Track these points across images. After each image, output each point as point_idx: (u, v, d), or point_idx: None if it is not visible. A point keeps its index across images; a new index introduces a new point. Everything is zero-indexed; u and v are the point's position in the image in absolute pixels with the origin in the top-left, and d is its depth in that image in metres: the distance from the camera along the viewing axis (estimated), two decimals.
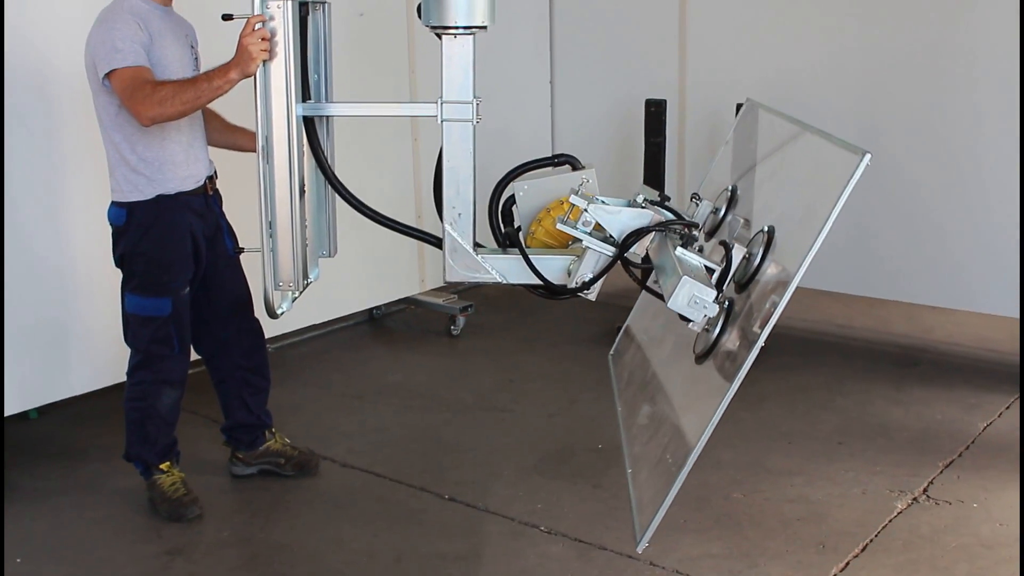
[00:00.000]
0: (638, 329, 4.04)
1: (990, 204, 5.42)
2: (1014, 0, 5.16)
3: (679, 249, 2.98)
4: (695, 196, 3.46)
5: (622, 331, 4.08)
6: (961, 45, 5.40)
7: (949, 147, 5.52)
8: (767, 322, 2.74)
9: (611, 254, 3.12)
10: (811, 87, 5.95)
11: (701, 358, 3.00)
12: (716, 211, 3.44)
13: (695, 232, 3.15)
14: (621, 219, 3.16)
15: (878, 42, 5.69)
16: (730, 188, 3.53)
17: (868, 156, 2.67)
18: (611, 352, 4.04)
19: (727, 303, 2.92)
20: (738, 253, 2.98)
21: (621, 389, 3.77)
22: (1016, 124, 5.26)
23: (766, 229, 2.99)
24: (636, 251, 3.17)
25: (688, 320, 2.91)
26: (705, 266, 2.95)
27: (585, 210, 3.10)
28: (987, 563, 3.70)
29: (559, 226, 3.15)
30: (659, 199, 3.21)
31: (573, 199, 3.12)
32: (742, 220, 3.29)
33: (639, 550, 2.73)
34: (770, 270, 2.92)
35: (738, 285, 2.95)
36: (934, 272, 5.66)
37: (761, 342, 2.64)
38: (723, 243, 3.04)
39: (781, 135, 3.50)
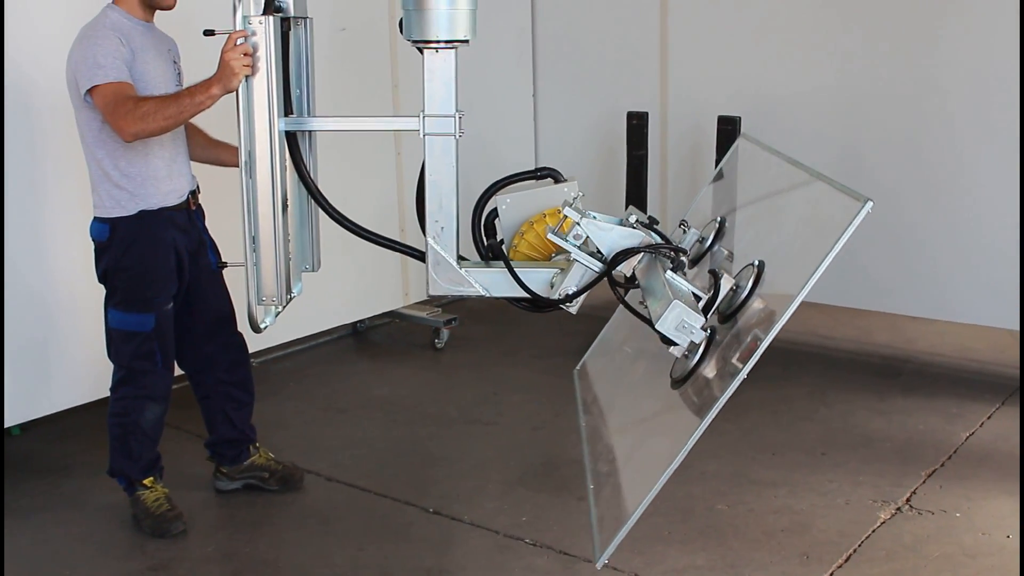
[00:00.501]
0: (608, 348, 4.05)
1: (970, 216, 5.45)
2: (988, 15, 5.20)
3: (669, 273, 2.99)
4: (683, 223, 3.47)
5: (591, 348, 4.08)
6: (939, 60, 5.43)
7: (929, 162, 5.56)
8: (749, 357, 2.76)
9: (598, 270, 3.13)
10: (791, 100, 5.98)
11: (678, 383, 3.01)
12: (702, 240, 3.45)
13: (683, 258, 3.16)
14: (612, 236, 3.16)
15: (857, 57, 5.73)
16: (718, 220, 3.54)
17: (870, 204, 2.68)
18: (576, 368, 4.04)
19: (710, 332, 2.93)
20: (726, 284, 2.99)
21: (587, 405, 3.78)
22: (993, 137, 5.31)
23: (756, 263, 3.00)
24: (622, 270, 3.18)
25: (672, 344, 2.92)
26: (693, 293, 2.95)
27: (577, 223, 3.11)
28: (970, 572, 3.71)
29: (550, 235, 3.15)
30: (648, 221, 3.22)
31: (567, 211, 3.13)
32: (726, 252, 3.30)
33: (598, 566, 2.74)
34: (756, 304, 2.94)
35: (722, 315, 2.96)
36: (916, 283, 5.69)
37: (743, 376, 2.65)
38: (712, 272, 3.04)
39: (777, 173, 3.50)
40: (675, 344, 2.92)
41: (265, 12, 3.28)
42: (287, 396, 5.61)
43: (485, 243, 3.39)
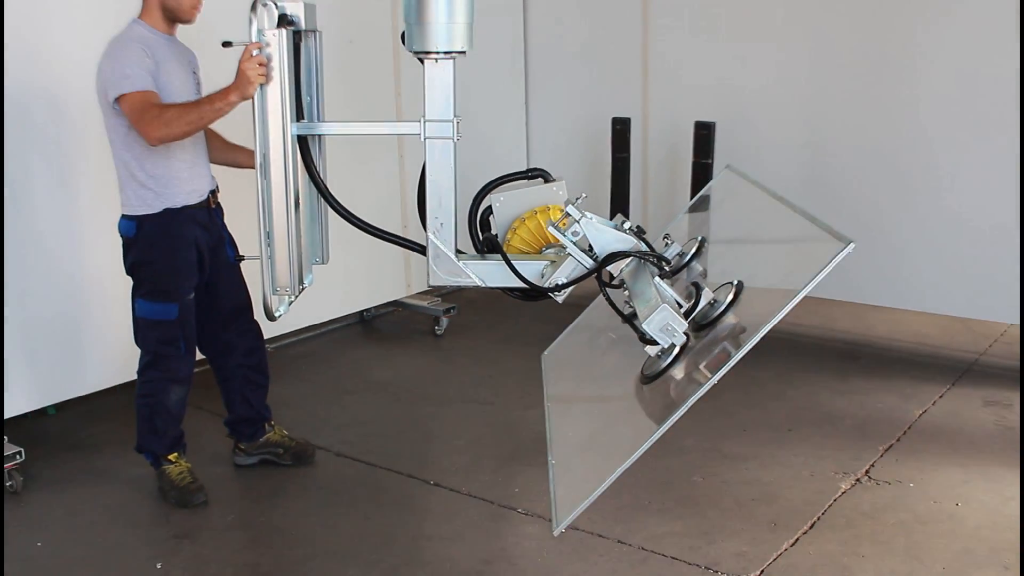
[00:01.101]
0: (580, 339, 4.05)
1: (929, 211, 5.47)
2: (961, 22, 5.21)
3: (657, 279, 3.00)
4: (667, 236, 3.48)
5: (560, 338, 4.09)
6: (904, 62, 5.43)
7: (894, 164, 5.57)
8: (718, 367, 2.77)
9: (589, 266, 3.14)
10: (764, 105, 5.99)
11: (648, 380, 3.03)
12: (682, 255, 3.45)
13: (666, 268, 3.18)
14: (606, 238, 3.18)
15: (826, 61, 5.73)
16: (699, 239, 3.56)
17: (852, 246, 2.69)
18: (545, 352, 4.05)
19: (685, 338, 2.95)
20: (706, 296, 3.00)
21: (551, 386, 3.78)
22: (954, 141, 5.32)
23: (735, 283, 3.01)
24: (610, 270, 3.19)
25: (651, 343, 2.94)
26: (676, 300, 2.97)
27: (577, 222, 3.12)
28: (923, 537, 3.73)
29: (550, 229, 3.16)
30: (637, 229, 3.23)
31: (569, 209, 3.13)
32: (702, 268, 3.32)
33: (555, 534, 2.74)
34: (729, 319, 2.95)
35: (697, 325, 2.97)
36: (876, 275, 5.70)
37: (710, 385, 2.67)
38: (695, 284, 3.05)
39: (761, 206, 3.49)
40: (654, 344, 2.94)
41: (279, 26, 3.28)
42: (300, 378, 5.61)
43: (481, 237, 3.40)
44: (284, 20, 3.32)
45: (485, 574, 3.58)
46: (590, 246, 3.20)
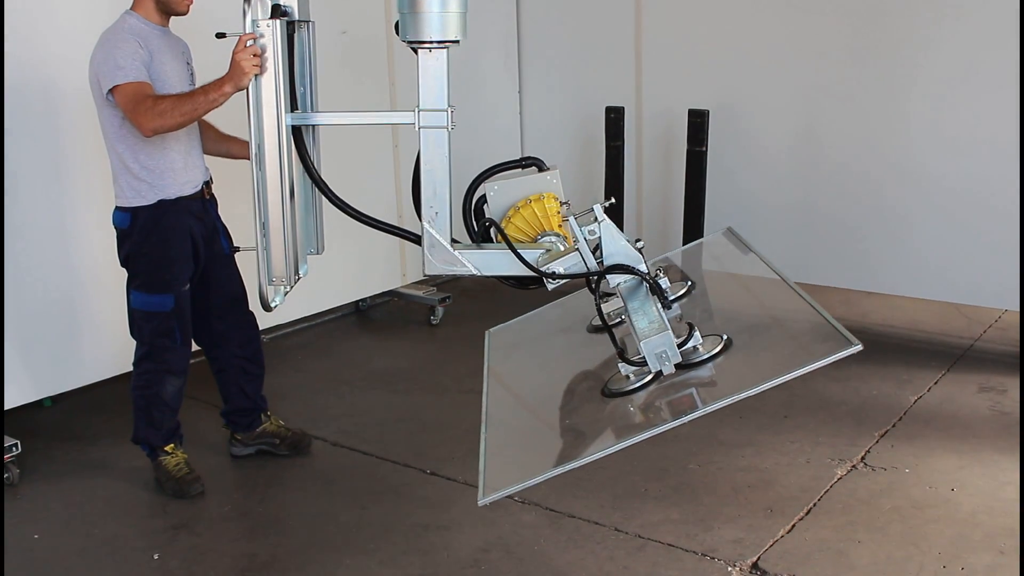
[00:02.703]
0: (532, 328, 4.08)
1: (920, 201, 5.48)
2: (953, 23, 5.22)
3: (658, 304, 3.04)
4: (660, 268, 3.49)
5: (513, 322, 4.11)
6: (900, 48, 5.43)
7: (887, 145, 5.57)
8: (680, 411, 2.84)
9: (591, 268, 3.17)
10: (758, 92, 5.98)
11: (610, 396, 3.06)
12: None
13: (667, 297, 3.23)
14: (619, 248, 3.20)
15: (821, 48, 5.72)
16: (688, 284, 3.60)
17: (859, 347, 2.75)
18: (491, 329, 4.07)
19: (660, 372, 2.99)
20: (695, 339, 3.01)
21: (495, 363, 3.79)
22: (943, 135, 5.33)
23: (725, 337, 3.04)
24: (608, 279, 3.23)
25: (629, 362, 2.98)
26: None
27: (598, 222, 3.15)
28: (918, 523, 3.75)
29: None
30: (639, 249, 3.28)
31: (596, 208, 3.16)
32: (680, 313, 3.33)
33: (480, 504, 2.74)
34: (703, 371, 2.98)
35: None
36: (870, 261, 5.72)
37: (663, 429, 2.72)
38: (689, 324, 3.07)
39: (765, 280, 3.53)
40: (632, 364, 2.98)
41: (272, 16, 3.27)
42: (296, 369, 5.61)
43: (476, 226, 3.40)
44: (278, 11, 3.31)
45: (482, 562, 3.60)
46: (595, 248, 3.22)
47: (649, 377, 2.98)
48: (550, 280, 3.26)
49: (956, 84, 5.27)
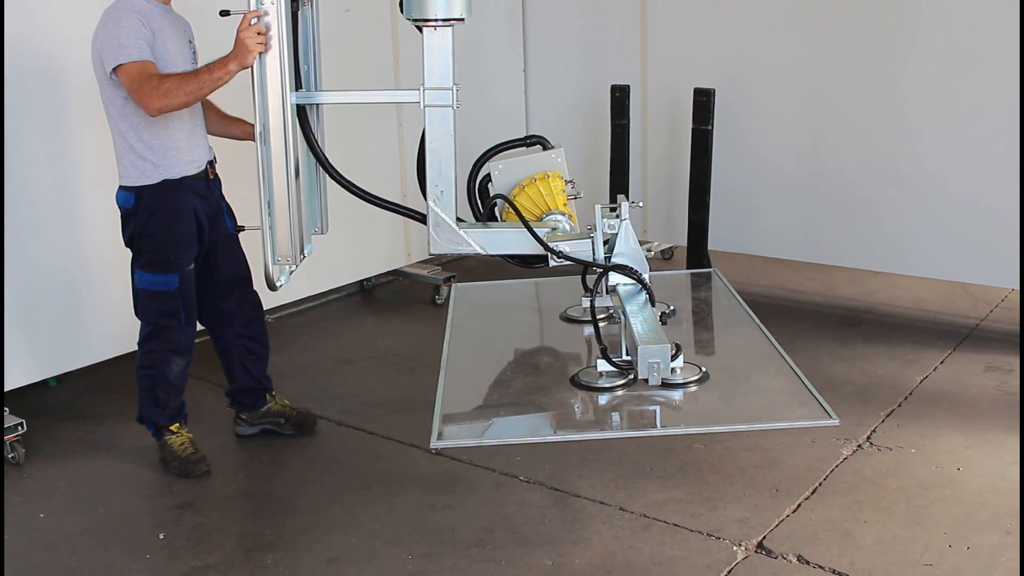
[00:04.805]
0: (506, 301, 4.13)
1: (924, 180, 5.46)
2: (956, 12, 5.19)
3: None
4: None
5: (484, 284, 4.13)
6: (908, 26, 5.39)
7: (890, 128, 5.55)
8: (640, 424, 2.99)
9: (599, 260, 3.21)
10: (762, 73, 5.96)
11: (574, 385, 3.10)
12: None
13: (668, 314, 3.29)
14: (630, 248, 3.23)
15: (827, 27, 5.70)
16: (670, 308, 3.68)
17: (837, 421, 2.83)
18: (458, 284, 4.08)
19: (633, 379, 3.01)
20: (677, 363, 3.04)
21: (458, 317, 3.90)
22: (945, 113, 5.32)
23: (703, 370, 3.12)
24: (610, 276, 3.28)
25: (609, 360, 3.00)
26: None
27: (620, 220, 3.19)
28: (924, 502, 3.75)
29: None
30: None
31: (624, 205, 3.26)
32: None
33: (432, 447, 2.89)
34: (674, 394, 3.05)
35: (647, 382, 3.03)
36: (876, 240, 5.70)
37: (618, 436, 2.81)
38: (676, 344, 3.09)
39: (751, 337, 3.61)
40: (613, 365, 3.01)
41: None
42: (300, 348, 5.62)
43: (482, 205, 3.41)
44: None
45: (487, 542, 3.60)
46: (606, 242, 3.24)
47: (622, 381, 3.03)
48: (553, 258, 3.27)
49: (963, 61, 5.24)
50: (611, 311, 3.49)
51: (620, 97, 6.17)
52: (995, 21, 5.08)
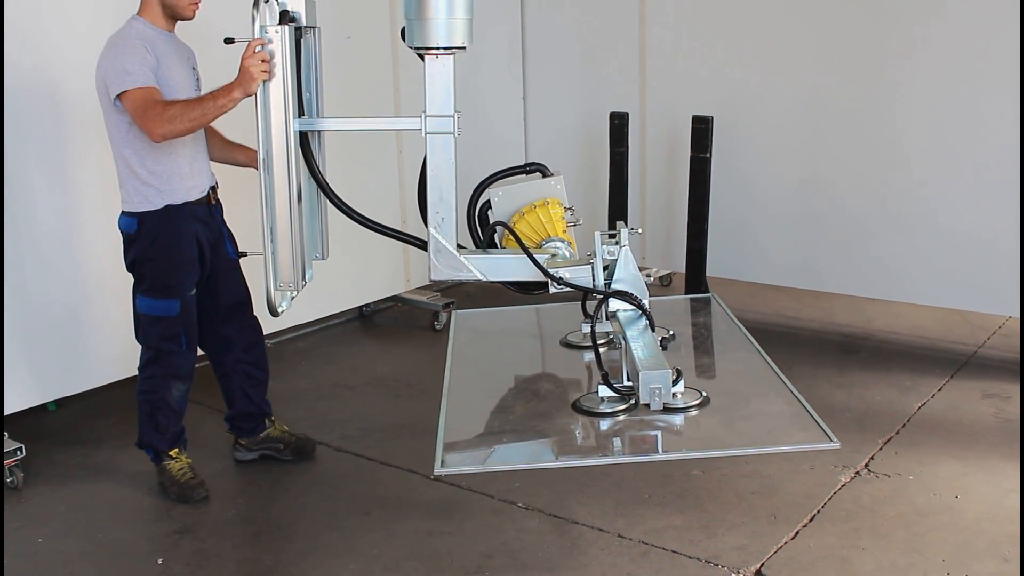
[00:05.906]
0: (506, 328, 4.14)
1: (920, 207, 5.48)
2: (953, 32, 5.23)
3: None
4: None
5: (484, 311, 4.14)
6: (906, 54, 5.43)
7: (887, 156, 5.58)
8: (641, 449, 2.99)
9: (598, 287, 3.23)
10: (760, 102, 6.00)
11: (575, 410, 3.11)
12: None
13: (667, 340, 3.30)
14: (629, 274, 3.25)
15: (825, 55, 5.73)
16: (670, 333, 3.68)
17: (837, 444, 2.79)
18: (458, 311, 4.08)
19: (635, 404, 3.02)
20: (678, 388, 3.05)
21: (458, 345, 3.88)
22: (943, 142, 5.35)
23: (704, 395, 3.12)
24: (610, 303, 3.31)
25: (610, 386, 3.01)
26: None
27: (620, 246, 3.21)
28: (922, 530, 3.76)
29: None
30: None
31: (623, 231, 3.27)
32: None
33: (436, 474, 2.87)
34: (675, 418, 3.05)
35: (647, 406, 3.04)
36: (873, 268, 5.72)
37: (618, 461, 2.81)
38: (677, 369, 3.10)
39: (750, 363, 3.61)
40: (618, 392, 3.02)
41: (281, 22, 3.30)
42: (300, 374, 5.63)
43: (482, 232, 3.43)
44: (286, 16, 3.34)
45: (486, 568, 3.60)
46: (606, 268, 3.26)
47: (623, 406, 3.04)
48: (554, 284, 3.29)
49: (958, 89, 5.28)
50: (611, 337, 3.50)
51: (619, 124, 6.20)
52: (990, 53, 5.13)
